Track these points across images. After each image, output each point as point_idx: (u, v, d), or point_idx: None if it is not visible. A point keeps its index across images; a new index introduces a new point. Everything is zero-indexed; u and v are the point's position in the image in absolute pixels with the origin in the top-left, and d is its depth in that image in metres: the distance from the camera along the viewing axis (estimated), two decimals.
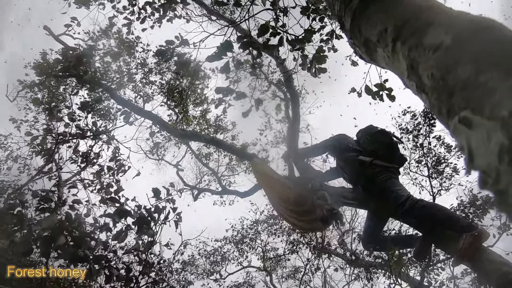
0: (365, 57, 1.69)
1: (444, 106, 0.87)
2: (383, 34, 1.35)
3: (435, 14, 1.16)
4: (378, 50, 1.43)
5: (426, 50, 1.01)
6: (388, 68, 1.45)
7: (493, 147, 0.64)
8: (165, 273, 10.32)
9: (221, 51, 4.92)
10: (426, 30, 1.08)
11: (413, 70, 1.08)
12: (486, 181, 0.69)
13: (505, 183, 0.62)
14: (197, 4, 8.71)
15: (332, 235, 13.74)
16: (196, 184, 15.67)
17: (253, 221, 15.02)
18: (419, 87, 1.04)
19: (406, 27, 1.21)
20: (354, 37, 1.68)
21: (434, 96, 0.93)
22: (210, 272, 14.97)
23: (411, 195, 3.80)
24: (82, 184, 9.00)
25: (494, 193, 0.67)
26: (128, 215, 4.67)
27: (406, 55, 1.13)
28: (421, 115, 10.62)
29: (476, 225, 3.25)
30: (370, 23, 1.49)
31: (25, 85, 10.60)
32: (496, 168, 0.64)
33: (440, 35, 0.99)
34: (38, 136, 9.28)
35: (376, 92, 5.28)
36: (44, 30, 10.40)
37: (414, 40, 1.11)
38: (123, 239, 4.65)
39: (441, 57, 0.93)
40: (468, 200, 10.77)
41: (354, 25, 1.64)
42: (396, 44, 1.23)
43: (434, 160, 10.64)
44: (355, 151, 4.25)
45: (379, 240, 4.31)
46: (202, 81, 13.00)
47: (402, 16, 1.28)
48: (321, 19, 5.91)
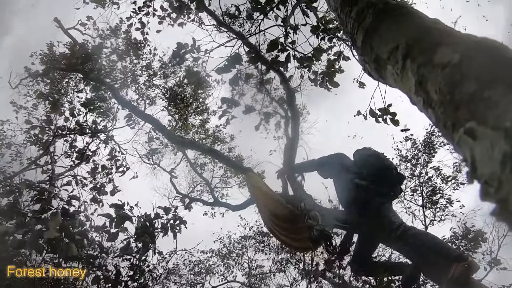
0: (374, 74, 1.73)
1: (450, 119, 0.91)
2: (394, 52, 1.39)
3: (444, 35, 1.23)
4: (387, 67, 1.47)
5: (435, 67, 1.05)
6: (396, 85, 1.48)
7: (496, 155, 0.67)
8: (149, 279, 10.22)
9: (230, 63, 4.97)
10: (435, 49, 1.13)
11: (421, 86, 1.12)
12: (487, 192, 0.71)
13: (507, 190, 0.65)
14: (208, 14, 8.83)
15: (322, 257, 13.65)
16: (189, 193, 15.61)
17: (242, 236, 14.94)
18: (426, 102, 1.08)
19: (416, 46, 1.26)
20: (365, 54, 1.72)
21: (441, 110, 0.96)
22: (194, 283, 14.81)
23: (404, 222, 3.81)
24: (75, 180, 8.95)
25: (495, 202, 0.69)
26: (128, 220, 4.65)
27: (415, 72, 1.17)
28: (422, 144, 10.70)
29: (466, 256, 3.26)
30: (381, 41, 1.54)
31: (29, 73, 10.59)
32: (499, 177, 0.66)
33: (448, 54, 1.04)
34: (36, 126, 9.26)
35: (380, 116, 5.32)
36: (54, 22, 10.46)
37: (424, 58, 1.16)
38: (126, 249, 4.63)
39: (449, 73, 0.97)
40: (461, 232, 10.81)
41: (366, 43, 1.69)
42: (406, 61, 1.28)
43: (429, 190, 10.68)
44: (351, 172, 4.25)
45: (369, 265, 4.29)
46: (206, 91, 13.06)
47: (413, 35, 1.33)
48: (330, 39, 5.99)
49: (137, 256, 5.25)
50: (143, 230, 4.69)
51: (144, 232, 4.68)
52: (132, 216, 4.77)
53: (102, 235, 4.88)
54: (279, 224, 4.55)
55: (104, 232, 4.73)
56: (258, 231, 14.51)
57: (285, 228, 4.50)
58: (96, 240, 4.71)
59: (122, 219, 4.54)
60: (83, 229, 4.45)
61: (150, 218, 4.88)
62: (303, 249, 5.91)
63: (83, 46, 9.45)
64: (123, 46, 10.81)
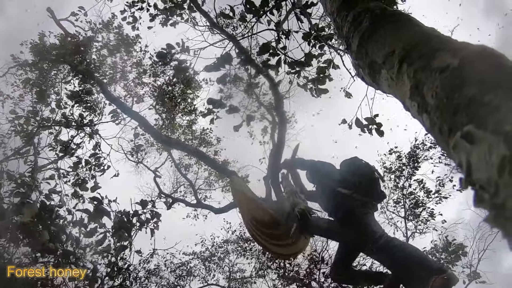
0: (367, 79, 1.72)
1: (446, 124, 0.89)
2: (390, 56, 1.38)
3: (442, 41, 1.23)
4: (382, 71, 1.46)
5: (433, 72, 1.05)
6: (390, 90, 1.47)
7: (494, 160, 0.66)
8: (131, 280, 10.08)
9: (220, 62, 4.94)
10: (434, 54, 1.12)
11: (417, 90, 1.11)
12: (482, 197, 0.70)
13: (504, 196, 0.63)
14: (201, 14, 8.81)
15: (301, 263, 13.66)
16: (172, 193, 15.48)
17: (224, 240, 14.87)
18: (421, 106, 1.07)
19: (414, 51, 1.25)
20: (359, 58, 1.71)
21: (437, 114, 0.95)
22: (174, 285, 14.66)
23: (386, 232, 3.81)
24: (57, 173, 8.79)
25: (490, 208, 0.67)
26: (106, 215, 4.57)
27: (412, 76, 1.16)
28: (406, 156, 10.79)
29: (446, 268, 3.27)
30: (377, 45, 1.53)
31: (18, 62, 10.39)
32: (495, 181, 0.65)
33: (447, 59, 1.04)
34: (22, 116, 9.09)
35: (365, 126, 5.34)
36: (47, 12, 10.30)
37: (422, 63, 1.15)
38: (102, 243, 4.55)
39: (447, 78, 0.96)
40: (442, 245, 10.92)
41: (361, 47, 1.68)
42: (402, 66, 1.27)
43: (412, 202, 10.77)
44: (336, 181, 4.25)
45: (349, 273, 4.28)
46: (194, 91, 12.98)
47: (411, 41, 1.33)
48: (321, 47, 6.01)
49: (115, 253, 5.17)
50: (120, 225, 4.63)
51: (120, 227, 4.62)
52: (111, 211, 4.70)
53: (80, 230, 4.79)
54: (261, 229, 4.53)
55: (82, 227, 4.64)
56: (240, 236, 14.46)
57: (267, 234, 4.49)
58: (74, 235, 4.61)
59: (100, 213, 4.47)
60: (61, 223, 4.37)
61: (127, 213, 4.83)
62: (284, 255, 5.91)
63: (74, 38, 9.32)
64: (114, 41, 10.70)
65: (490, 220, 0.67)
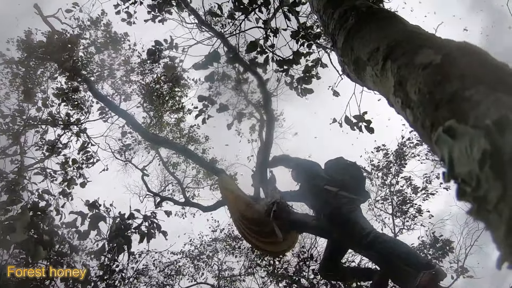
0: (352, 75, 1.73)
1: (428, 119, 0.90)
2: (374, 53, 1.39)
3: (425, 38, 1.25)
4: (367, 68, 1.47)
5: (416, 68, 1.06)
6: (374, 86, 1.48)
7: (475, 154, 0.67)
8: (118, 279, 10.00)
9: (208, 60, 4.93)
10: (417, 51, 1.14)
11: (400, 86, 1.12)
12: (464, 191, 0.71)
13: (485, 189, 0.64)
14: (190, 12, 8.77)
15: (291, 260, 13.71)
16: (160, 192, 15.42)
17: (212, 238, 14.85)
18: (405, 102, 1.08)
19: (398, 48, 1.27)
20: (344, 55, 1.72)
21: (420, 110, 0.96)
22: (163, 284, 14.61)
23: (374, 229, 3.84)
24: (44, 173, 8.68)
25: (472, 201, 0.68)
26: (103, 220, 4.52)
27: (395, 73, 1.18)
28: (393, 154, 10.87)
29: (434, 264, 3.31)
30: (363, 42, 1.54)
31: (4, 60, 10.23)
32: (477, 175, 0.66)
33: (430, 55, 1.05)
34: (8, 115, 8.97)
35: (355, 124, 5.37)
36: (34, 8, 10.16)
37: (405, 59, 1.16)
38: (101, 253, 4.50)
39: (430, 74, 0.98)
40: (429, 241, 11.05)
41: (346, 44, 1.69)
42: (386, 62, 1.28)
43: (400, 199, 10.87)
44: (322, 179, 4.28)
45: (338, 270, 4.31)
46: (183, 89, 12.91)
47: (395, 38, 1.34)
48: (309, 46, 6.02)
49: (109, 256, 5.12)
50: (118, 233, 4.57)
51: (118, 235, 4.56)
52: (107, 216, 4.66)
53: (72, 232, 4.74)
54: (249, 227, 4.55)
55: (75, 230, 4.58)
56: (229, 234, 14.46)
57: (255, 231, 4.51)
58: (67, 239, 4.57)
59: (97, 219, 4.41)
60: (52, 226, 4.31)
61: (124, 219, 4.77)
62: (273, 252, 5.92)
63: (61, 35, 9.19)
64: (102, 39, 10.59)
65: (472, 213, 0.68)
